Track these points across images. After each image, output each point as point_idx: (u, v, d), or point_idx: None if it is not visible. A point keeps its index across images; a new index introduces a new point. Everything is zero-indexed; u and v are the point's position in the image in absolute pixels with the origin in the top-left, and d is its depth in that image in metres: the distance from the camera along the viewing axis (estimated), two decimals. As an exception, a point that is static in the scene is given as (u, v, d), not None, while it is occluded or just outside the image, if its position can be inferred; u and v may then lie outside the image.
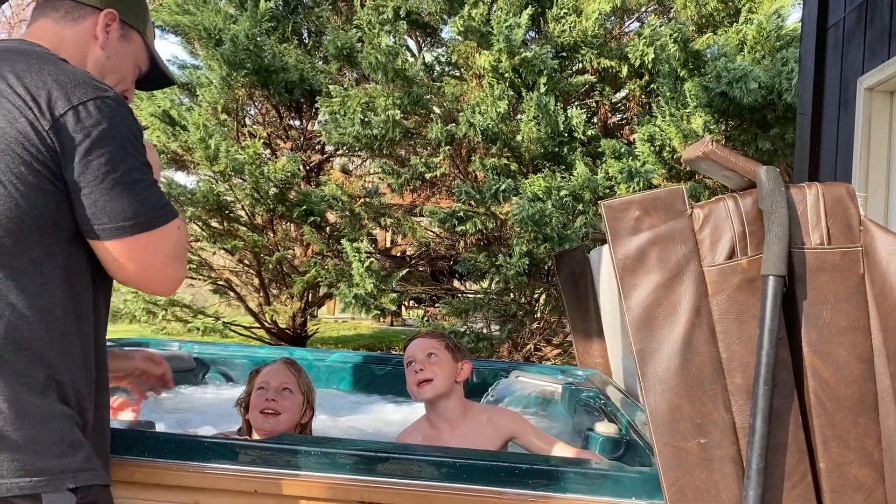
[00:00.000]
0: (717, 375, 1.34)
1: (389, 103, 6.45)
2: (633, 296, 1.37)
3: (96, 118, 1.18)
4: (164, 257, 1.26)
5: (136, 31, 1.45)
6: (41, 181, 1.16)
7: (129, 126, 1.23)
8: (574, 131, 6.48)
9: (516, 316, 7.08)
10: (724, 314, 1.35)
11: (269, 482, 1.43)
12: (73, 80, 1.20)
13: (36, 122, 1.15)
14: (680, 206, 1.37)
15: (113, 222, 1.19)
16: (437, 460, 1.46)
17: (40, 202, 1.17)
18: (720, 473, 1.32)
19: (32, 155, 1.15)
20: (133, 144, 1.22)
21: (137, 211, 1.21)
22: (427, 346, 2.12)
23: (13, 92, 1.17)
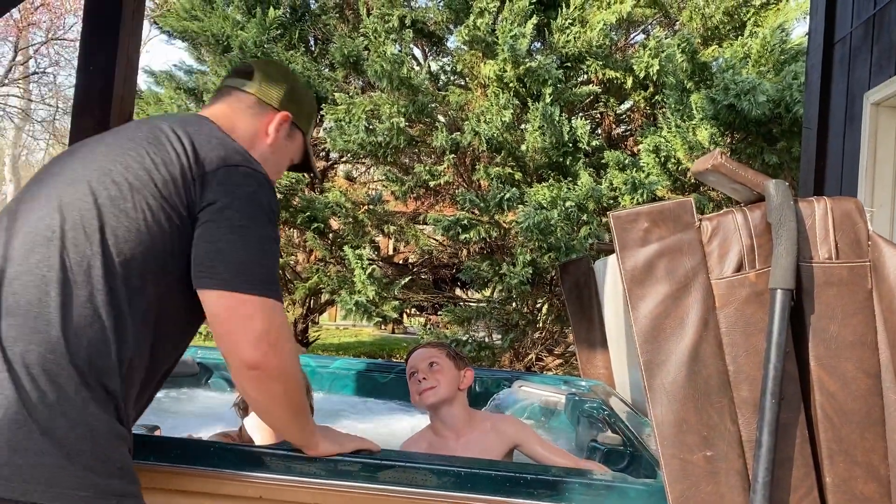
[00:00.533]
0: (724, 388, 1.34)
1: (394, 111, 6.47)
2: (640, 307, 1.37)
3: (243, 181, 1.26)
4: (253, 330, 1.22)
5: (300, 131, 1.58)
6: (170, 222, 1.22)
7: (270, 201, 1.30)
8: (578, 142, 6.50)
9: (518, 325, 7.08)
10: (731, 327, 1.35)
11: (275, 489, 1.43)
12: (233, 149, 1.31)
13: (188, 171, 1.24)
14: (688, 218, 1.38)
15: (226, 272, 1.22)
16: (441, 469, 1.45)
17: (160, 237, 1.22)
18: (726, 486, 1.32)
19: (172, 195, 1.22)
20: (270, 217, 1.28)
21: (251, 271, 1.23)
22: (428, 356, 2.13)
23: (179, 142, 1.27)
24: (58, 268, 1.19)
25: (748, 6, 6.79)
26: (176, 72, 8.37)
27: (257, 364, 1.23)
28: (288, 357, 1.28)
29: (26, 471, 1.09)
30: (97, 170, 1.26)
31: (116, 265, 1.20)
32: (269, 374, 1.25)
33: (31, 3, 15.68)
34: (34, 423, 1.11)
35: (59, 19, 17.36)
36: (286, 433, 1.41)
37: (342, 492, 1.43)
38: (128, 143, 1.29)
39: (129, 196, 1.22)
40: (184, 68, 8.49)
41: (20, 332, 1.15)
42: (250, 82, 1.51)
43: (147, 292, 1.23)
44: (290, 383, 1.30)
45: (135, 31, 3.13)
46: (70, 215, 1.22)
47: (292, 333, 1.56)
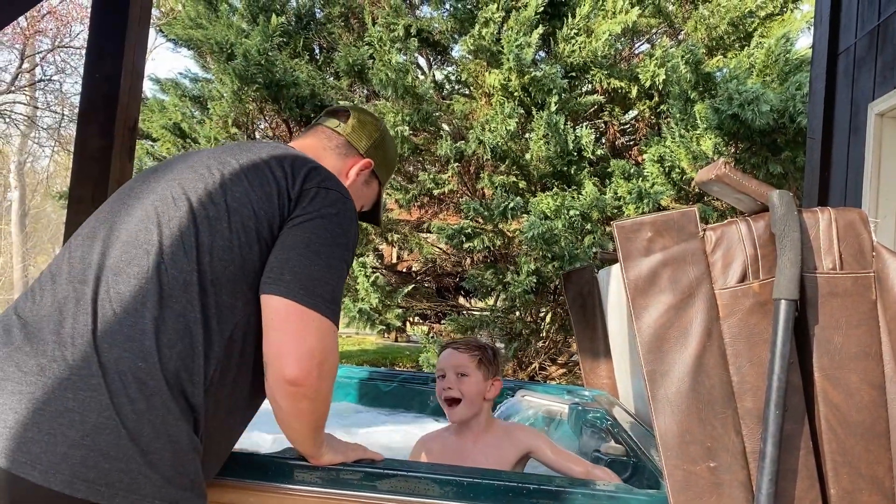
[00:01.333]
0: (728, 399, 1.33)
1: (399, 119, 6.49)
2: (644, 317, 1.36)
3: (332, 202, 1.30)
4: (303, 345, 1.23)
5: (378, 181, 1.64)
6: (258, 239, 1.26)
7: (353, 226, 1.34)
8: (583, 151, 6.50)
9: (522, 334, 7.07)
10: (735, 337, 1.34)
11: (292, 499, 1.43)
12: (328, 175, 1.35)
13: (284, 190, 1.28)
14: (692, 228, 1.37)
15: (292, 282, 1.23)
16: (445, 479, 1.45)
17: (249, 258, 1.25)
18: (730, 498, 1.31)
19: (266, 214, 1.26)
20: (347, 242, 1.31)
21: (316, 287, 1.24)
22: (459, 364, 2.09)
23: (279, 165, 1.32)
24: (156, 280, 1.21)
25: (753, 17, 6.80)
26: (181, 79, 8.41)
27: (297, 381, 1.23)
28: (328, 380, 1.28)
29: (113, 475, 1.10)
30: (197, 189, 1.29)
31: (210, 283, 1.22)
32: (304, 392, 1.25)
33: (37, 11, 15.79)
34: (123, 429, 1.12)
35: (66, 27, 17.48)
36: (299, 445, 1.41)
37: (345, 500, 1.43)
38: (227, 168, 1.33)
39: (226, 217, 1.26)
40: (189, 76, 8.54)
41: (115, 339, 1.17)
42: (344, 124, 1.58)
43: (236, 311, 1.24)
44: (320, 403, 1.30)
45: (140, 38, 3.15)
46: (169, 230, 1.25)
47: (338, 358, 1.59)
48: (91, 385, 1.12)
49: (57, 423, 1.10)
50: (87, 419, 1.11)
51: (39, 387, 1.12)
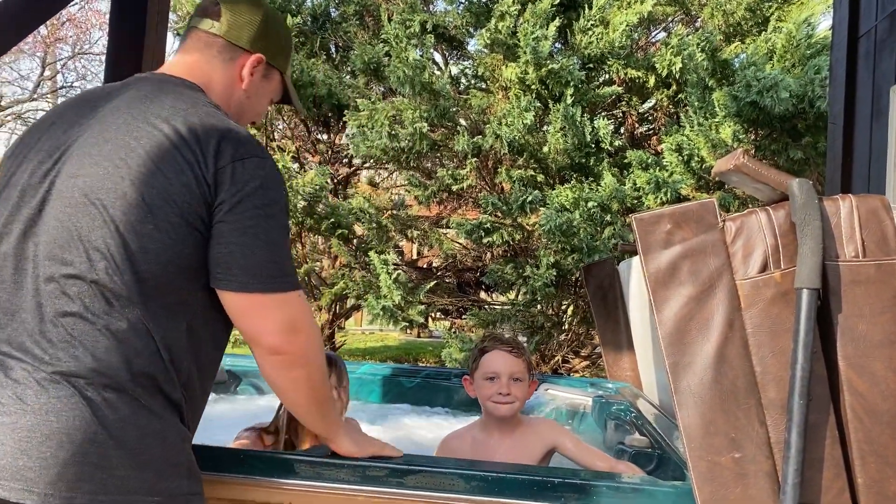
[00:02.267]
0: (751, 389, 1.33)
1: (416, 116, 6.49)
2: (665, 309, 1.36)
3: (251, 174, 1.25)
4: (273, 322, 1.27)
5: (277, 70, 1.52)
6: (192, 232, 1.23)
7: (280, 191, 1.30)
8: (601, 142, 6.46)
9: (544, 328, 7.05)
10: (757, 328, 1.34)
11: (306, 496, 1.44)
12: (238, 137, 1.27)
13: (200, 174, 1.23)
14: (711, 219, 1.37)
15: (242, 276, 1.24)
16: (469, 474, 1.46)
17: (186, 251, 1.23)
18: (755, 488, 1.31)
19: (190, 206, 1.22)
20: (278, 209, 1.29)
21: (265, 270, 1.25)
22: (514, 368, 2.07)
23: (185, 144, 1.24)
24: (101, 299, 1.20)
25: (771, 1, 6.71)
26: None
27: (279, 349, 1.27)
28: (311, 342, 1.31)
29: (108, 483, 1.14)
30: (107, 191, 1.22)
31: (153, 288, 1.22)
32: (291, 360, 1.29)
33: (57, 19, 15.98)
34: (111, 439, 1.16)
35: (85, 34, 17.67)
36: (308, 420, 1.43)
37: (370, 497, 1.44)
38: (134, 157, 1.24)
39: (150, 217, 1.21)
40: (207, 79, 8.58)
41: (82, 361, 1.18)
42: (218, 23, 1.43)
43: (188, 305, 1.26)
44: (313, 369, 1.33)
45: (159, 42, 3.18)
46: (94, 247, 1.21)
47: (314, 320, 1.57)
48: (71, 405, 1.15)
49: (45, 446, 1.13)
50: (74, 438, 1.14)
51: (21, 416, 1.14)
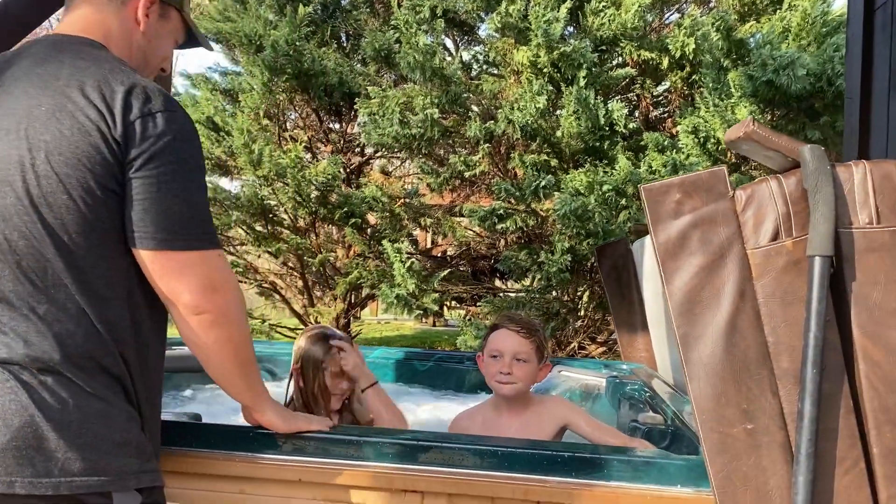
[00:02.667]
0: (764, 360, 1.31)
1: (427, 102, 6.46)
2: (675, 280, 1.35)
3: (162, 128, 1.20)
4: (191, 281, 1.23)
5: (173, 7, 1.45)
6: (107, 195, 1.19)
7: (194, 145, 1.26)
8: (615, 125, 6.41)
9: (559, 314, 7.02)
10: (769, 297, 1.32)
11: (313, 471, 1.44)
12: (146, 91, 1.22)
13: (108, 133, 1.18)
14: (722, 188, 1.35)
15: (158, 233, 1.20)
16: (480, 449, 1.45)
17: (105, 215, 1.20)
18: (768, 459, 1.29)
19: (102, 167, 1.18)
20: (191, 162, 1.24)
21: (180, 227, 1.21)
22: (518, 348, 2.03)
23: (89, 103, 1.19)
24: (25, 281, 1.18)
25: (785, -21, 6.60)
26: (211, 74, 8.50)
27: (200, 307, 1.24)
28: (232, 302, 1.28)
29: (50, 467, 1.14)
30: (12, 163, 1.19)
31: (80, 259, 1.19)
32: (212, 319, 1.25)
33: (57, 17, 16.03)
34: (48, 422, 1.15)
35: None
36: (231, 388, 1.38)
37: (380, 473, 1.44)
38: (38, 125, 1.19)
39: (62, 187, 1.18)
40: (218, 70, 8.62)
41: (14, 346, 1.16)
42: None
43: (120, 271, 1.23)
44: (235, 331, 1.29)
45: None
46: (11, 226, 1.18)
47: (236, 281, 1.54)
48: (6, 390, 1.15)
49: None
50: (10, 423, 1.13)
51: None
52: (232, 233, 7.91)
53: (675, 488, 1.38)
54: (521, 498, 1.39)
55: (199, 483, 1.48)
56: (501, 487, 1.40)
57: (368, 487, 1.43)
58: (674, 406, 2.07)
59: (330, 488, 1.44)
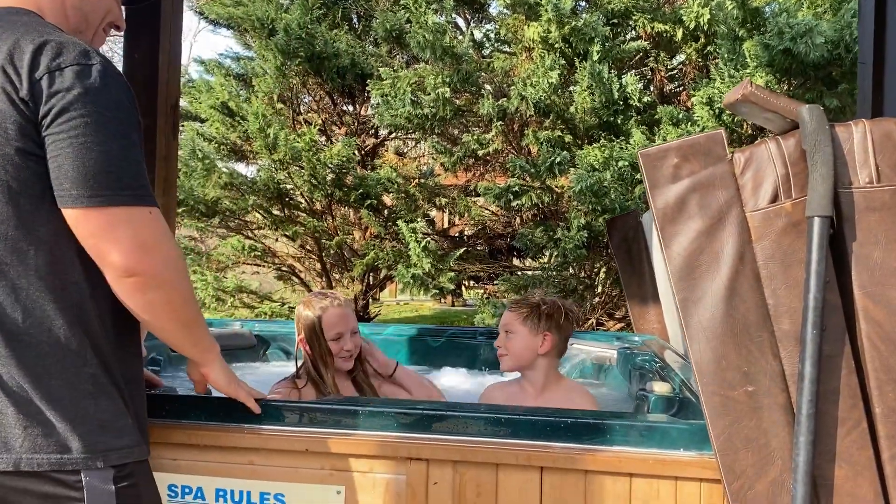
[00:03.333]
0: (764, 322, 1.31)
1: (439, 82, 6.44)
2: (674, 245, 1.34)
3: (71, 81, 1.13)
4: (119, 240, 1.15)
5: None
6: (27, 158, 1.14)
7: (111, 97, 1.17)
8: (629, 99, 6.35)
9: (576, 290, 7.01)
10: (768, 259, 1.31)
11: (319, 441, 1.47)
12: (57, 47, 1.15)
13: (14, 94, 1.13)
14: (720, 150, 1.34)
15: (74, 189, 1.13)
16: (484, 416, 1.47)
17: (31, 180, 1.15)
18: (769, 421, 1.29)
19: (15, 131, 1.13)
20: (113, 114, 1.17)
21: (100, 181, 1.14)
22: (506, 322, 2.15)
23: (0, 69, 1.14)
24: None
25: (801, -55, 6.47)
26: (224, 60, 8.53)
27: (131, 270, 1.17)
28: (166, 262, 1.21)
29: (14, 444, 1.13)
30: None
31: (11, 228, 1.15)
32: (146, 282, 1.19)
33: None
34: (8, 398, 1.14)
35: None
36: (176, 346, 1.36)
37: (385, 442, 1.46)
38: None
39: None
40: (231, 55, 8.65)
41: None
42: None
43: (55, 236, 1.18)
44: (173, 292, 1.23)
45: (174, 13, 3.20)
46: None
47: (172, 239, 1.34)
48: None
49: None
50: None
51: None
52: (249, 217, 7.98)
53: (677, 452, 1.39)
54: (524, 463, 1.41)
55: (209, 455, 1.51)
56: (505, 454, 1.42)
57: (374, 456, 1.46)
58: (683, 375, 2.06)
59: (336, 457, 1.46)
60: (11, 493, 1.14)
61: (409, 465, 1.45)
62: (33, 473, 1.13)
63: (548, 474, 1.41)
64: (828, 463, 1.27)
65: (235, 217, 7.75)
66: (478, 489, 1.43)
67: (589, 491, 1.39)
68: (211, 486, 1.51)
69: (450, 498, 1.44)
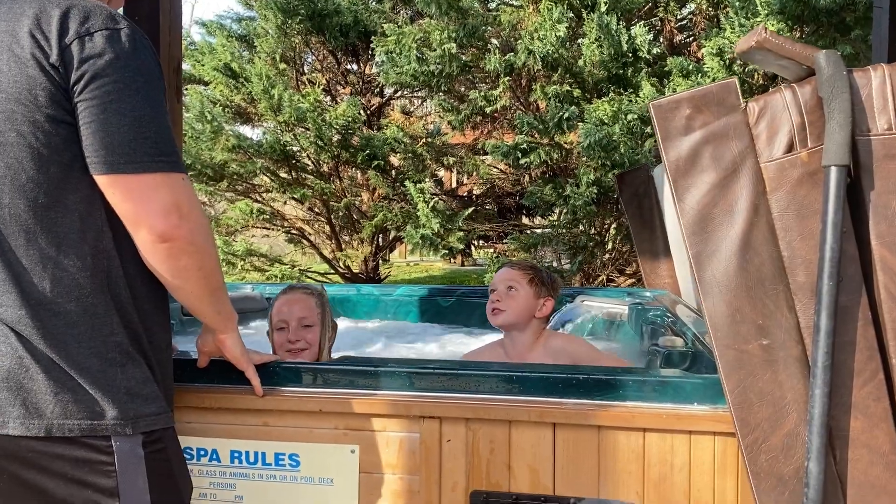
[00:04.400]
0: (779, 275, 1.29)
1: (445, 37, 6.33)
2: (686, 198, 1.32)
3: (101, 47, 1.13)
4: (157, 204, 1.15)
5: None
6: (57, 126, 1.13)
7: (142, 62, 1.17)
8: (638, 51, 6.23)
9: (587, 247, 6.99)
10: (784, 211, 1.29)
11: (333, 401, 1.47)
12: (84, 11, 1.15)
13: (44, 61, 1.12)
14: (733, 100, 1.31)
15: (109, 156, 1.13)
16: (496, 374, 1.47)
17: (62, 147, 1.14)
18: (785, 374, 1.28)
19: (45, 98, 1.12)
20: (145, 81, 1.16)
21: (134, 149, 1.14)
22: (509, 278, 2.14)
23: (26, 34, 1.13)
24: None
25: None
26: (225, 20, 8.42)
27: (167, 235, 1.17)
28: (200, 229, 1.21)
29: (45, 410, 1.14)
30: None
31: (48, 199, 1.15)
32: (180, 247, 1.19)
33: None
34: (38, 363, 1.15)
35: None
36: (200, 313, 1.35)
37: (398, 401, 1.47)
38: None
39: (10, 126, 1.13)
40: (232, 16, 8.53)
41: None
42: None
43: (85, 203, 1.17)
44: (205, 258, 1.23)
45: None
46: None
47: (201, 207, 1.50)
48: None
49: None
50: (1, 364, 1.14)
51: None
52: (257, 180, 7.95)
53: (690, 406, 1.39)
54: (536, 420, 1.41)
55: (224, 417, 1.52)
56: (518, 411, 1.42)
57: (388, 415, 1.46)
58: (696, 329, 2.05)
59: (350, 417, 1.47)
60: (44, 459, 1.15)
61: (422, 423, 1.45)
62: (65, 439, 1.15)
63: (560, 430, 1.41)
64: (843, 414, 1.26)
65: (243, 180, 7.73)
66: (491, 445, 1.44)
67: (602, 446, 1.40)
68: (226, 447, 1.52)
69: (463, 455, 1.45)
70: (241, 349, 1.44)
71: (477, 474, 1.44)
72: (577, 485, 1.40)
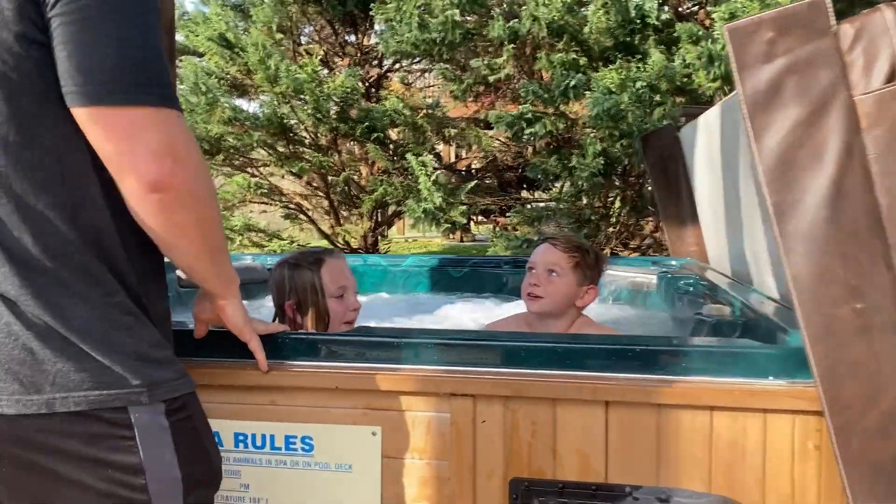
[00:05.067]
0: (876, 227, 1.11)
1: (447, 3, 6.12)
2: (765, 138, 1.13)
3: None
4: (148, 145, 0.96)
5: None
6: (28, 46, 0.94)
7: None
8: (646, 17, 6.03)
9: (591, 221, 6.83)
10: (883, 152, 1.10)
11: (351, 377, 1.29)
12: None
13: None
14: (823, 22, 1.12)
15: (88, 83, 0.94)
16: (539, 344, 1.28)
17: (33, 73, 0.95)
18: (881, 343, 1.10)
19: (13, 12, 0.93)
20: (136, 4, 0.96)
21: (122, 76, 0.94)
22: (552, 261, 1.90)
23: None
24: None
25: None
26: (218, -11, 8.15)
27: (161, 183, 0.97)
28: (198, 176, 1.03)
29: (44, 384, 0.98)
30: None
31: (12, 142, 0.97)
32: (176, 197, 0.99)
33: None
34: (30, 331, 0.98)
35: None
36: (198, 275, 1.16)
37: (427, 378, 1.29)
38: None
39: None
40: (226, -17, 8.27)
41: None
42: None
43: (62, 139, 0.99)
44: (205, 211, 1.05)
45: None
46: None
47: (199, 151, 1.05)
48: None
49: None
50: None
51: None
52: (254, 154, 7.76)
53: (765, 381, 1.21)
54: (588, 398, 1.23)
55: (226, 395, 1.34)
56: (564, 387, 1.24)
57: (414, 392, 1.28)
58: (739, 296, 1.88)
59: (371, 395, 1.29)
60: (52, 438, 0.99)
61: (453, 401, 1.27)
62: (72, 414, 0.98)
63: (614, 409, 1.23)
64: (952, 389, 1.09)
65: (240, 154, 7.55)
66: (533, 427, 1.26)
67: (663, 427, 1.22)
68: (229, 429, 1.35)
69: (500, 438, 1.27)
70: (243, 317, 1.26)
71: (516, 460, 1.26)
72: (633, 471, 1.23)
